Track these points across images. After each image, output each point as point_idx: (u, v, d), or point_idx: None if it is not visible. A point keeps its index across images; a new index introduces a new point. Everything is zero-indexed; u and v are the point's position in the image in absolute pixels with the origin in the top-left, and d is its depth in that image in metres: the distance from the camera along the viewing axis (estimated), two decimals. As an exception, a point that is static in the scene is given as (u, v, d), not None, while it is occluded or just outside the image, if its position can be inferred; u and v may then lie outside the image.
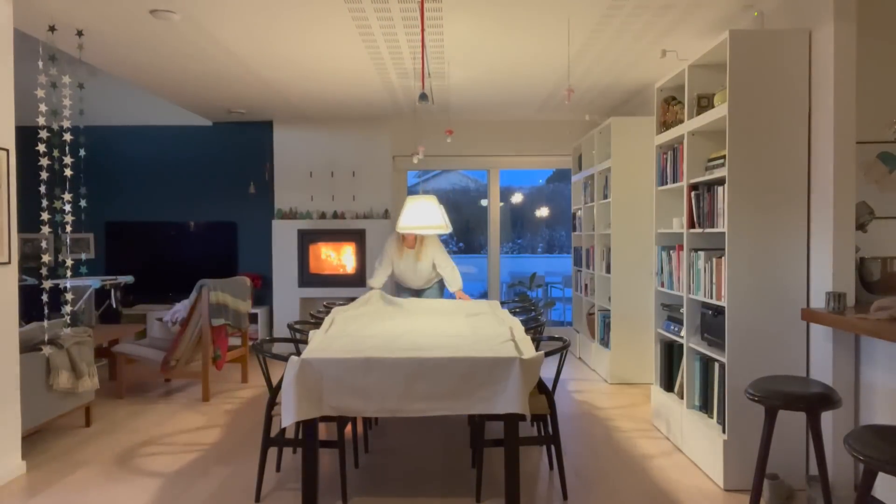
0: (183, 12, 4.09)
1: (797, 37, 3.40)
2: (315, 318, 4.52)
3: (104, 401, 5.38)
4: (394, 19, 4.21)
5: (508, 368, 2.94)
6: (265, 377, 3.43)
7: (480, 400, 2.95)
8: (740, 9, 4.08)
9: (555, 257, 20.42)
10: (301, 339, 3.79)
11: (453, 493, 3.40)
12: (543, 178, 20.07)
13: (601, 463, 3.83)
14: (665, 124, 4.35)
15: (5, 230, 3.66)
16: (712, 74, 3.84)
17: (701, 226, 3.80)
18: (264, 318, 7.69)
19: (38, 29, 4.21)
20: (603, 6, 4.04)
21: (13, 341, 3.74)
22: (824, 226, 3.28)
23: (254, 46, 4.81)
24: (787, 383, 2.77)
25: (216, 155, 7.86)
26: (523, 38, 4.69)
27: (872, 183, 3.73)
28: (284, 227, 7.55)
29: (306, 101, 6.71)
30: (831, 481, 3.17)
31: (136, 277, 7.39)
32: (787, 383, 2.77)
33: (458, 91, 6.31)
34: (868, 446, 1.94)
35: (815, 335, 3.36)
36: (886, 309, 2.72)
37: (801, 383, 2.79)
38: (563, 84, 6.01)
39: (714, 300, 3.62)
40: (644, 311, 5.78)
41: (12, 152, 3.75)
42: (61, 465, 3.89)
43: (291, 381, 2.90)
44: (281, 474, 3.68)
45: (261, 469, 3.32)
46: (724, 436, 3.48)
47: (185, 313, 5.38)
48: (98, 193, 7.64)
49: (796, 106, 3.41)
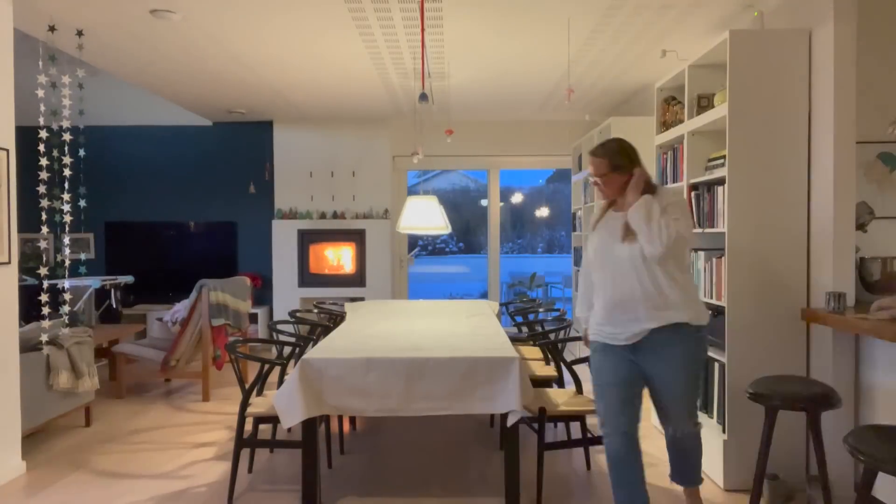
0: (183, 12, 4.09)
1: (797, 37, 3.40)
2: (296, 319, 4.48)
3: (104, 401, 5.38)
4: (394, 19, 4.21)
5: (508, 368, 2.94)
6: (238, 378, 3.43)
7: (481, 399, 2.95)
8: (740, 9, 4.08)
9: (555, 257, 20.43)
10: (281, 341, 3.78)
11: (446, 494, 3.40)
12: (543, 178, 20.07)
13: (601, 463, 3.83)
14: (665, 124, 4.35)
15: (5, 230, 3.66)
16: (712, 74, 3.84)
17: (701, 226, 3.80)
18: (264, 318, 7.69)
19: (38, 29, 4.21)
20: (603, 6, 4.04)
21: (13, 341, 3.74)
22: (824, 226, 3.28)
23: (254, 46, 4.81)
24: (787, 383, 2.77)
25: (216, 155, 7.86)
26: (523, 38, 4.69)
27: (872, 183, 3.73)
28: (284, 227, 7.55)
29: (306, 101, 6.70)
30: (831, 481, 3.17)
31: (136, 277, 7.38)
32: (787, 383, 2.77)
33: (458, 91, 6.31)
34: (868, 446, 1.94)
35: (815, 335, 3.36)
36: (886, 309, 2.73)
37: (801, 383, 2.79)
38: (563, 84, 6.01)
39: (714, 300, 3.62)
40: (644, 311, 5.77)
41: (12, 152, 3.75)
42: (61, 465, 3.89)
43: (295, 381, 2.90)
44: (252, 476, 3.68)
45: (233, 470, 3.31)
46: (724, 436, 3.48)
47: (185, 313, 5.38)
48: (98, 193, 7.63)
49: (796, 106, 3.40)
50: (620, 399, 2.74)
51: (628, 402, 2.75)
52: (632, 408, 2.76)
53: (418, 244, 16.03)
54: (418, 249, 18.72)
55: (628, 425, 2.73)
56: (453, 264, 26.74)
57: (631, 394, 2.76)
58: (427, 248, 26.88)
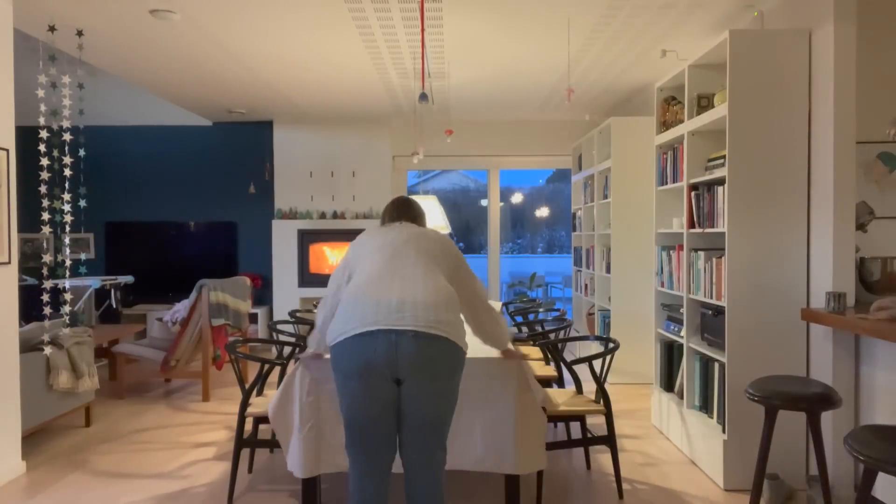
0: (183, 12, 4.09)
1: (797, 37, 3.40)
2: (296, 319, 4.48)
3: (104, 401, 5.38)
4: (394, 19, 4.21)
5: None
6: (238, 378, 3.42)
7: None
8: (740, 9, 4.08)
9: (555, 257, 20.42)
10: (281, 341, 3.78)
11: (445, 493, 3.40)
12: (543, 178, 20.08)
13: (601, 463, 3.83)
14: (665, 124, 4.35)
15: (5, 230, 3.66)
16: (712, 74, 3.84)
17: (701, 226, 3.80)
18: (264, 318, 7.69)
19: (38, 29, 4.21)
20: (603, 6, 4.04)
21: (13, 341, 3.74)
22: (824, 226, 3.28)
23: (254, 46, 4.81)
24: (787, 383, 2.77)
25: (216, 155, 7.86)
26: (523, 38, 4.69)
27: (872, 183, 3.73)
28: (284, 227, 7.55)
29: (306, 101, 6.71)
30: (831, 481, 3.18)
31: (136, 277, 7.39)
32: (787, 383, 2.77)
33: (458, 91, 6.31)
34: (868, 446, 1.94)
35: (815, 335, 3.36)
36: (886, 309, 2.72)
37: (801, 383, 2.79)
38: (563, 84, 6.01)
39: (714, 300, 3.62)
40: (644, 311, 5.79)
41: (12, 152, 3.75)
42: (61, 465, 3.89)
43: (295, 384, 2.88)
44: (252, 476, 3.68)
45: (233, 470, 3.30)
46: (724, 436, 3.48)
47: (185, 313, 5.38)
48: (98, 193, 7.65)
49: (796, 106, 3.40)
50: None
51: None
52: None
53: (418, 244, 15.98)
54: (418, 249, 18.64)
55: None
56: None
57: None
58: (427, 248, 26.78)
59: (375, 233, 2.72)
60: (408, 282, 2.41)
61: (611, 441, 3.31)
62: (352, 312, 2.34)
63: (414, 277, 2.43)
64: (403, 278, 2.42)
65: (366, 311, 2.32)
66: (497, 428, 2.80)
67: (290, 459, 2.85)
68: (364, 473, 2.39)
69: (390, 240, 2.60)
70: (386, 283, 2.40)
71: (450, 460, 2.78)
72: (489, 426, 2.80)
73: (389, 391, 2.32)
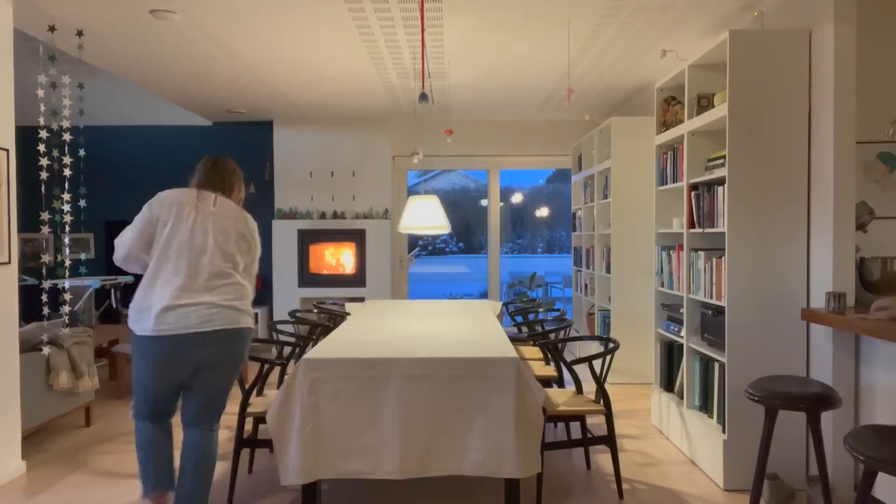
0: (183, 12, 4.09)
1: (797, 37, 3.40)
2: (296, 319, 4.47)
3: (104, 401, 5.38)
4: (394, 19, 4.21)
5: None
6: (238, 378, 3.42)
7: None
8: (740, 9, 4.08)
9: (555, 257, 20.44)
10: (281, 341, 3.77)
11: (446, 493, 3.40)
12: (543, 178, 20.09)
13: (601, 463, 3.83)
14: (665, 124, 4.35)
15: (5, 230, 3.66)
16: (712, 74, 3.84)
17: (701, 226, 3.80)
18: (264, 318, 7.69)
19: (38, 29, 4.21)
20: (603, 6, 4.05)
21: (13, 341, 3.74)
22: (824, 226, 3.28)
23: (254, 46, 4.81)
24: (787, 383, 2.77)
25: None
26: (523, 38, 4.69)
27: (872, 183, 3.73)
28: (284, 227, 7.55)
29: (306, 101, 6.71)
30: (831, 481, 3.18)
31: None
32: (787, 383, 2.77)
33: (458, 91, 6.31)
34: (868, 446, 1.94)
35: (815, 335, 3.36)
36: (886, 309, 2.73)
37: (801, 383, 2.79)
38: (563, 84, 6.01)
39: (714, 300, 3.62)
40: (644, 311, 5.79)
41: (12, 152, 3.75)
42: (61, 465, 3.89)
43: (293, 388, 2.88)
44: (252, 476, 3.68)
45: (233, 470, 3.30)
46: (724, 436, 3.48)
47: (185, 313, 5.37)
48: (98, 193, 7.65)
49: (796, 106, 3.41)
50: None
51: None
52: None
53: (418, 244, 16.05)
54: (418, 249, 18.73)
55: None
56: (453, 264, 26.77)
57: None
58: (427, 248, 26.88)
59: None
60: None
61: (611, 441, 3.32)
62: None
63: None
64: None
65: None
66: (496, 431, 2.79)
67: (287, 466, 2.81)
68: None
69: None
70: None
71: (447, 464, 2.79)
72: (488, 429, 2.79)
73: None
